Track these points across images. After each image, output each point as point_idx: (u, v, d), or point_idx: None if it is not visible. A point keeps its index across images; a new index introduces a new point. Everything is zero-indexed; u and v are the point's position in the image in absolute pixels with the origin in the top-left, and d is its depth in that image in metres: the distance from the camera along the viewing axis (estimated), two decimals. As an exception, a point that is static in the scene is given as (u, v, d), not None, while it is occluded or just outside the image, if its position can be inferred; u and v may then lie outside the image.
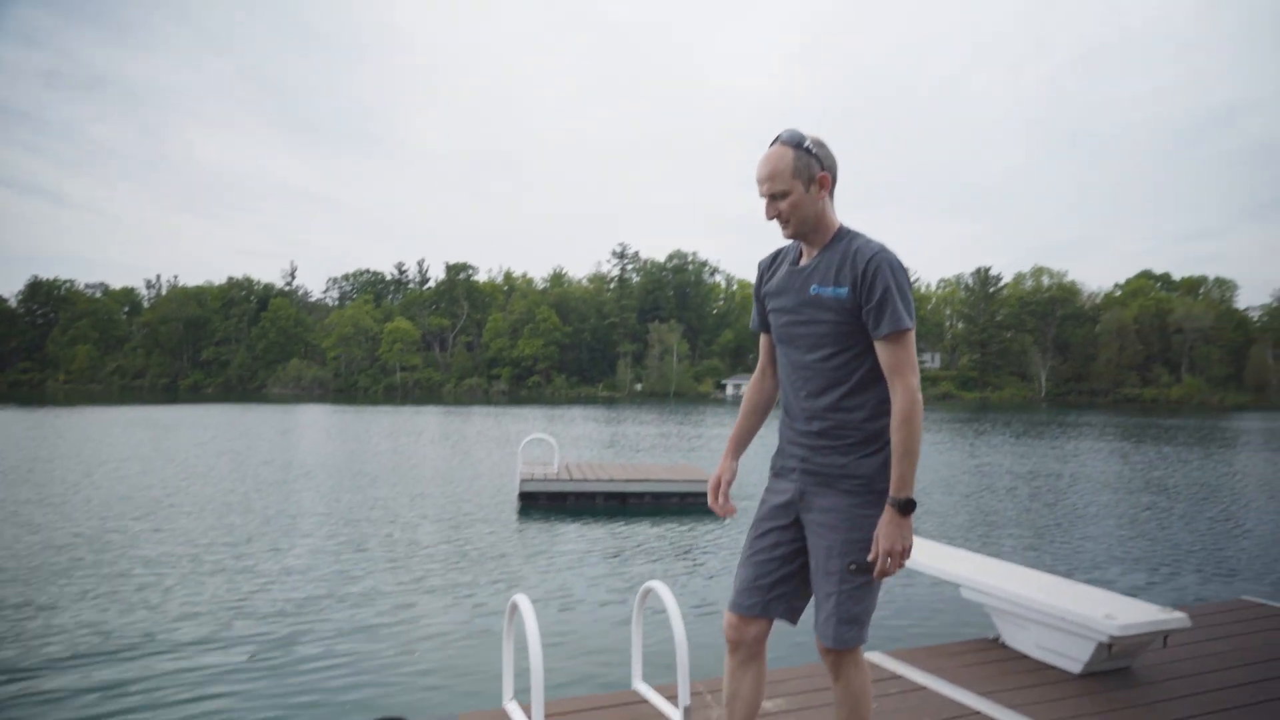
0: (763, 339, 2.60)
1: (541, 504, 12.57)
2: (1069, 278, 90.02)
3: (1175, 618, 3.68)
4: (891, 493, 2.23)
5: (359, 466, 17.46)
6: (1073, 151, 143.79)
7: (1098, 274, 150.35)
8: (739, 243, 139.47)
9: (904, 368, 2.25)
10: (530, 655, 2.82)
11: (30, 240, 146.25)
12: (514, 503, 12.67)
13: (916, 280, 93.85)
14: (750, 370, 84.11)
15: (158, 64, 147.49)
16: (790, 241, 2.50)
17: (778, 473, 2.49)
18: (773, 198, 2.33)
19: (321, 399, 69.19)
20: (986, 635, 4.39)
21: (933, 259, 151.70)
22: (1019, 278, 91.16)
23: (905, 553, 2.23)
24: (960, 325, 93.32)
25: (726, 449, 2.63)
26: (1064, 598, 3.89)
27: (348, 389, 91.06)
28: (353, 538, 9.88)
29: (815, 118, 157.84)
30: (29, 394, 76.04)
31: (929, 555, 4.63)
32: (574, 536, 10.28)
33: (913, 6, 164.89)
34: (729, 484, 2.59)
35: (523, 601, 3.17)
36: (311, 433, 28.11)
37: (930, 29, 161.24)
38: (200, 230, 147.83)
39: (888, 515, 2.23)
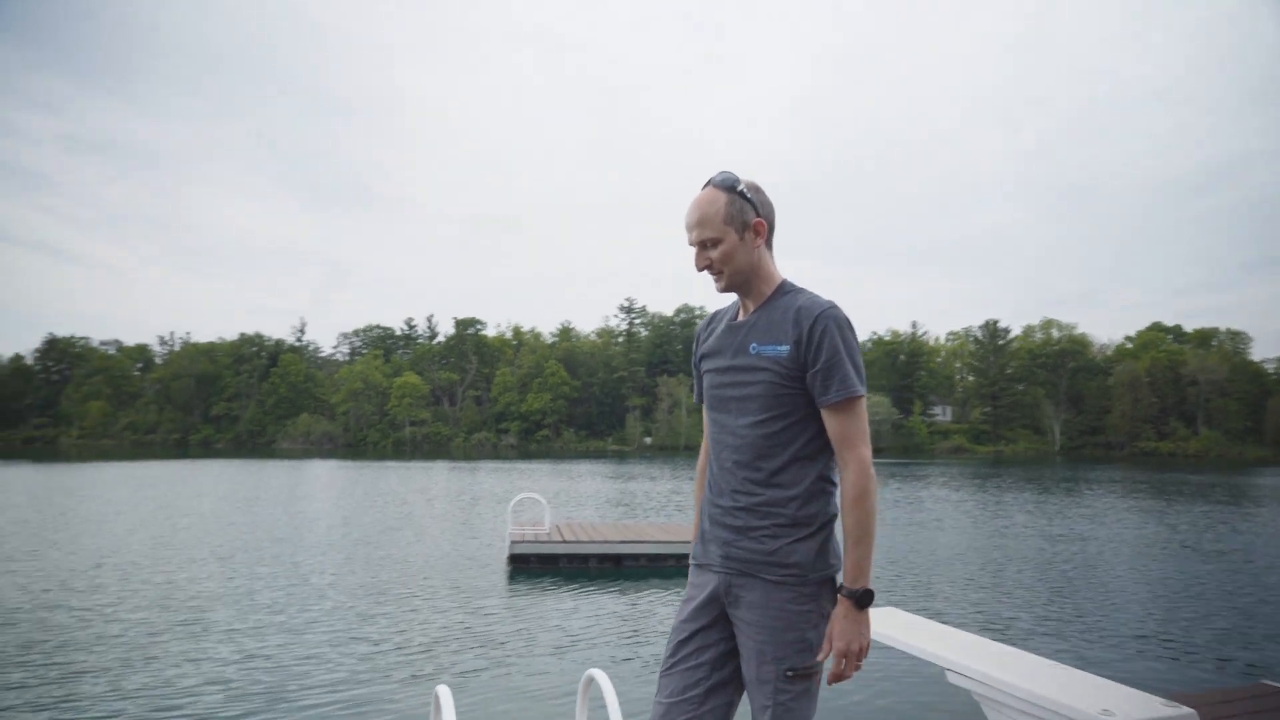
0: (705, 413, 2.32)
1: (533, 566, 12.16)
2: (1079, 330, 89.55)
3: (1183, 714, 3.30)
4: (846, 583, 1.94)
5: (353, 526, 17.09)
6: (1074, 206, 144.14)
7: (1107, 326, 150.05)
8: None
9: (856, 438, 1.98)
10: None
11: (47, 298, 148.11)
12: (504, 565, 12.27)
13: (924, 333, 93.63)
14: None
15: (171, 128, 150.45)
16: (730, 303, 2.26)
17: (699, 564, 2.18)
18: (703, 245, 2.09)
19: (331, 454, 68.96)
20: (976, 725, 3.99)
21: (938, 312, 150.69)
22: (1028, 330, 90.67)
23: (863, 652, 1.94)
24: (970, 378, 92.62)
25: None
26: (1057, 686, 3.51)
27: (357, 444, 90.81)
28: (326, 610, 9.48)
29: (813, 172, 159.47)
30: (42, 450, 76.21)
31: (910, 632, 4.25)
32: (559, 605, 9.87)
33: (908, 65, 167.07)
34: None
35: (444, 694, 2.87)
36: (313, 489, 27.77)
37: (926, 87, 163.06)
38: (213, 288, 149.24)
39: (842, 609, 1.94)
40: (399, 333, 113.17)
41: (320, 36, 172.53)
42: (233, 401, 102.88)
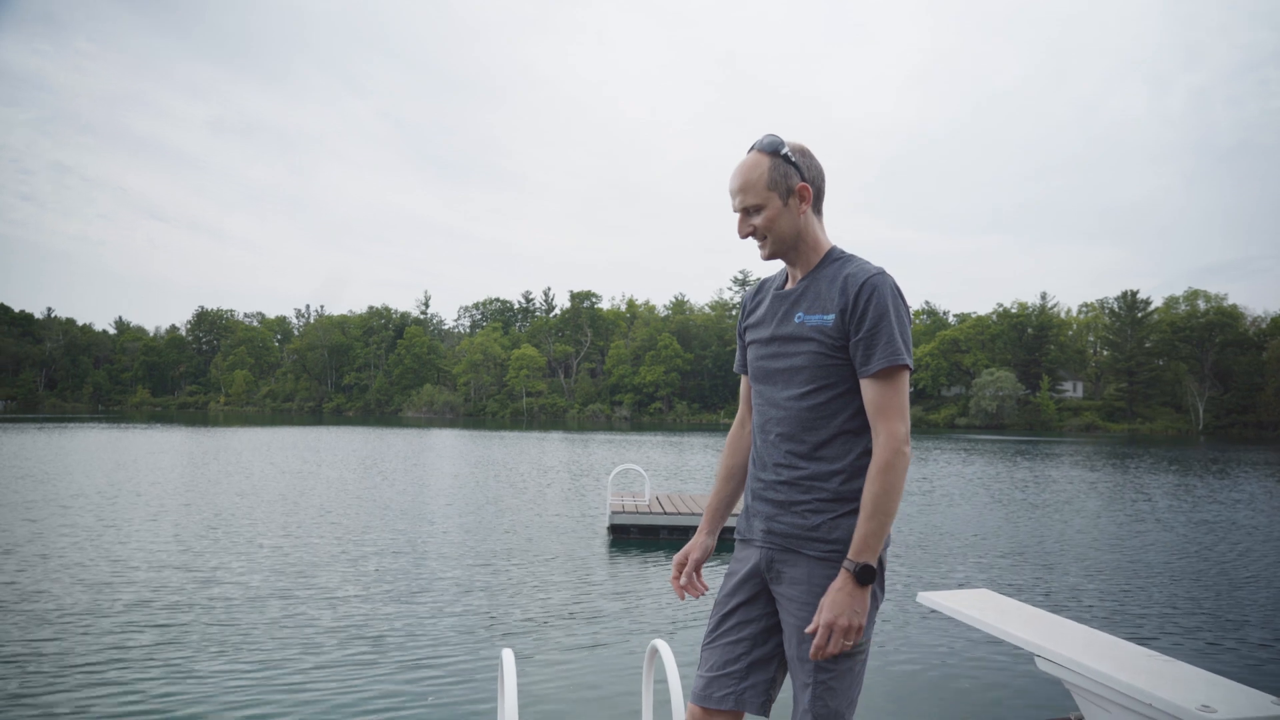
0: (743, 383, 2.27)
1: (633, 537, 12.30)
2: (1229, 301, 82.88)
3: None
4: (850, 555, 1.87)
5: (466, 493, 17.73)
6: (1228, 168, 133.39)
7: (1262, 297, 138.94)
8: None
9: (892, 411, 1.90)
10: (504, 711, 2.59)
11: (198, 273, 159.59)
12: (603, 535, 12.46)
13: (1054, 304, 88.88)
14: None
15: (305, 109, 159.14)
16: (778, 272, 2.19)
17: (743, 538, 2.15)
18: (746, 212, 2.03)
19: (452, 423, 71.63)
20: (1067, 716, 3.80)
21: (1072, 283, 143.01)
22: (1171, 302, 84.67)
23: (854, 631, 1.85)
24: (1105, 352, 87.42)
25: (703, 522, 2.29)
26: (1154, 677, 3.28)
27: (476, 413, 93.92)
28: (428, 576, 9.87)
29: (938, 139, 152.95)
30: (194, 415, 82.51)
31: (1001, 615, 4.06)
32: (655, 577, 9.95)
33: (1041, 23, 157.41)
34: (698, 563, 2.23)
35: (507, 658, 2.95)
36: (431, 458, 28.94)
37: (1062, 45, 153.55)
38: (344, 262, 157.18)
39: (840, 581, 1.87)
40: (517, 306, 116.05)
41: (443, 13, 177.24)
42: (362, 372, 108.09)
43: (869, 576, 1.85)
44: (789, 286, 2.09)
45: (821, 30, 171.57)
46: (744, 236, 2.05)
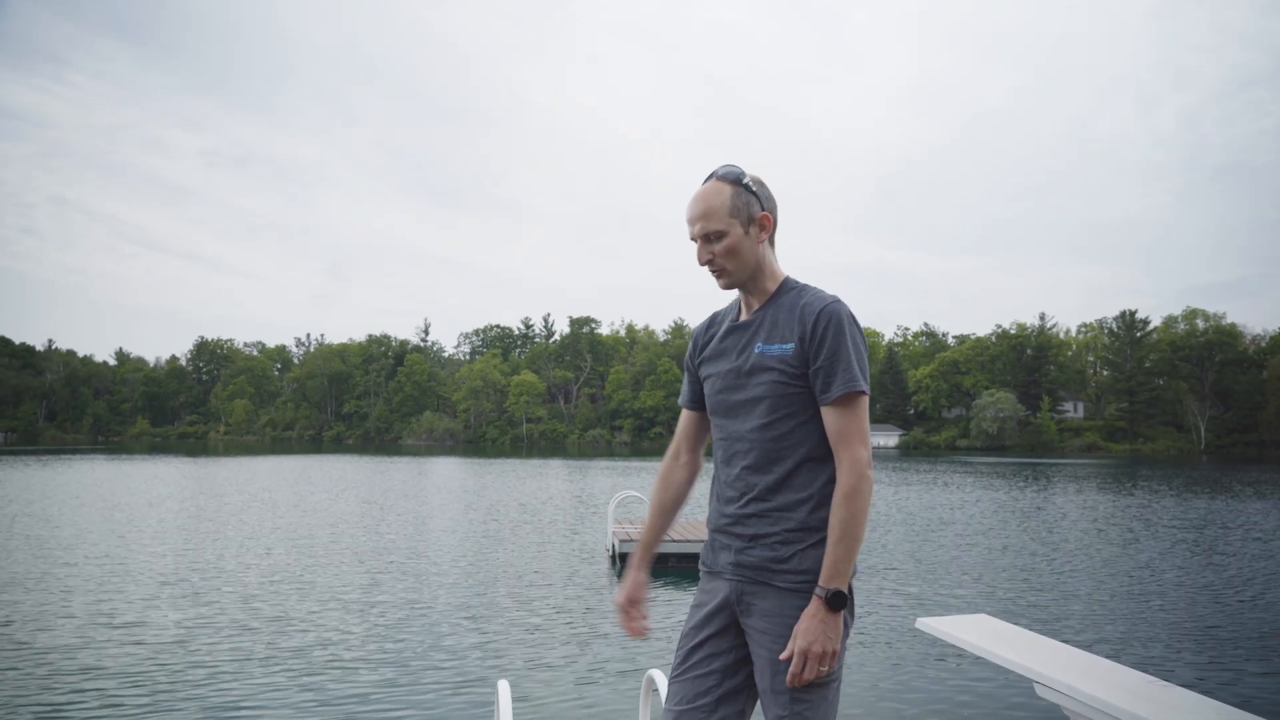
0: (683, 416, 2.28)
1: (635, 563, 12.20)
2: (1227, 320, 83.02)
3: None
4: (821, 582, 1.87)
5: (470, 522, 17.66)
6: (1221, 187, 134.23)
7: (1261, 316, 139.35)
8: (859, 290, 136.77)
9: (853, 437, 1.91)
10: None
11: (198, 304, 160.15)
12: (605, 563, 12.39)
13: (1053, 325, 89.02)
14: (879, 421, 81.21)
15: (300, 139, 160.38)
16: (729, 304, 2.21)
17: (710, 570, 2.14)
18: (706, 239, 2.04)
19: (452, 450, 71.42)
20: (1067, 743, 3.77)
21: (1069, 303, 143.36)
22: (1169, 321, 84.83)
23: (829, 656, 1.85)
24: (1105, 372, 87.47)
25: (634, 558, 2.26)
26: (1161, 705, 3.26)
27: (477, 440, 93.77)
28: (436, 606, 9.83)
29: (929, 160, 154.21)
30: (194, 445, 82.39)
31: (998, 640, 4.04)
32: (662, 604, 9.90)
33: (1030, 42, 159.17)
34: (639, 604, 2.21)
35: (503, 689, 2.96)
36: (435, 485, 28.85)
37: (1051, 65, 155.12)
38: (343, 290, 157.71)
39: (812, 608, 1.86)
40: (516, 332, 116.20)
41: (433, 40, 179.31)
42: (362, 400, 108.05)
43: (840, 602, 1.86)
44: (744, 318, 2.11)
45: (810, 52, 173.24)
46: (704, 264, 2.07)
